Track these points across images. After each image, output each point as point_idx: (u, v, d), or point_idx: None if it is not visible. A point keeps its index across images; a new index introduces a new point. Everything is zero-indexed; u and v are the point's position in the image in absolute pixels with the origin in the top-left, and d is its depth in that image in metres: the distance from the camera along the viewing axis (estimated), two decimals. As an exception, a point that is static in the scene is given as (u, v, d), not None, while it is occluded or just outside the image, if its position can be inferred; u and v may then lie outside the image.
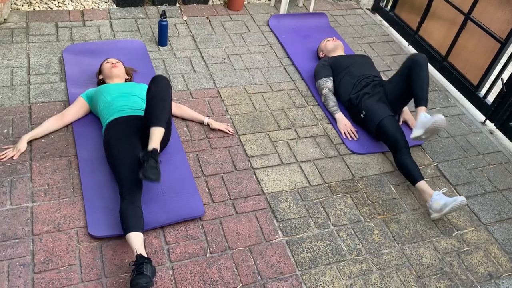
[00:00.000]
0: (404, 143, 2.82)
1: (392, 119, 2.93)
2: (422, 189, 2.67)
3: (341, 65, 3.29)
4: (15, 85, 2.96)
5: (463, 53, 3.69)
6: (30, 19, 3.56)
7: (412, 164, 2.75)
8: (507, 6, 3.27)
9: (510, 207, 2.82)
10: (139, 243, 2.08)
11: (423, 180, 2.69)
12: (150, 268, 1.97)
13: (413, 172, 2.73)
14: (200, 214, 2.39)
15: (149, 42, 3.57)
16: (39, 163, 2.50)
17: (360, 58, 3.39)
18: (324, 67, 3.34)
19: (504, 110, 3.34)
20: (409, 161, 2.77)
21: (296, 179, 2.73)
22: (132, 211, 2.16)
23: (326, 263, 2.32)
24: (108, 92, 2.67)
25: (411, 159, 2.78)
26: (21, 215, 2.25)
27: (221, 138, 2.89)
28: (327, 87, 3.24)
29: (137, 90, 2.74)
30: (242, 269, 2.22)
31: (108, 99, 2.63)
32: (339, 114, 3.14)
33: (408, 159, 2.78)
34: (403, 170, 2.79)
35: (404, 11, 4.32)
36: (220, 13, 4.10)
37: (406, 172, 2.77)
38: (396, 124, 2.91)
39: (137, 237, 2.09)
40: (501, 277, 2.43)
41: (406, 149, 2.81)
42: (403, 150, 2.81)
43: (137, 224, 2.13)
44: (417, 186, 2.70)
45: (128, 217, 2.13)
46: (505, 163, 3.15)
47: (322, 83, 3.27)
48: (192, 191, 2.50)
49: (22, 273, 2.03)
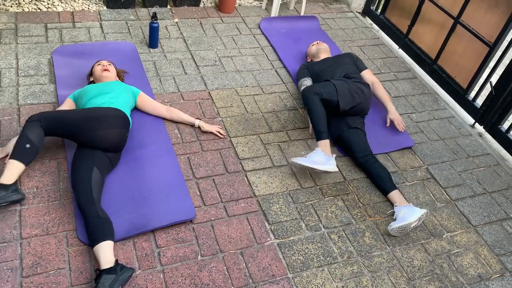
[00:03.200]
0: (365, 152, 2.85)
1: (352, 132, 2.93)
2: (392, 200, 2.70)
3: (315, 69, 3.29)
4: (3, 87, 2.92)
5: (452, 56, 3.73)
6: (19, 20, 3.52)
7: (378, 176, 2.76)
8: (496, 10, 3.31)
9: (499, 209, 2.85)
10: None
11: (394, 190, 2.70)
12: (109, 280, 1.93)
13: (380, 183, 2.75)
14: (191, 217, 2.38)
15: (140, 44, 3.55)
16: (28, 166, 2.46)
17: (338, 59, 3.32)
18: (302, 70, 3.35)
19: (493, 113, 3.38)
20: (375, 171, 2.78)
21: (287, 181, 2.73)
22: (99, 220, 2.13)
23: (317, 266, 2.32)
24: (86, 93, 2.64)
25: (377, 168, 2.78)
26: (9, 219, 2.21)
27: (212, 140, 2.88)
28: (305, 85, 3.22)
29: (115, 88, 2.68)
30: (233, 272, 2.21)
31: (85, 100, 2.60)
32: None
33: (375, 168, 2.79)
34: (372, 182, 2.82)
35: (394, 14, 4.35)
36: (211, 16, 4.09)
37: (375, 185, 2.79)
38: (355, 136, 2.91)
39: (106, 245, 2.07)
40: (491, 279, 2.45)
41: (370, 158, 2.84)
42: (367, 161, 2.83)
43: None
44: (388, 198, 2.72)
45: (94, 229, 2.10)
46: (494, 165, 3.18)
47: (301, 82, 3.27)
48: (183, 194, 2.48)
49: (10, 277, 2.00)
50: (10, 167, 2.23)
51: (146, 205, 2.37)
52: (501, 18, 3.28)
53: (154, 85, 3.20)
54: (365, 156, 2.83)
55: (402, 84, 3.78)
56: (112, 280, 1.93)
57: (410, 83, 3.81)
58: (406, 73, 3.92)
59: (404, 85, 3.77)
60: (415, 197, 2.81)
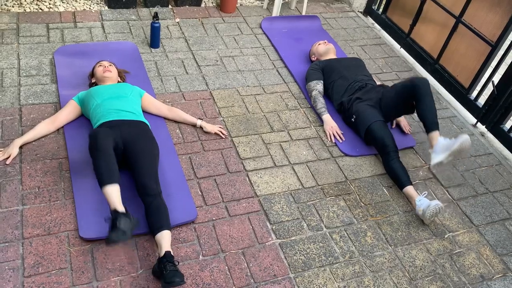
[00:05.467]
0: (392, 147, 2.84)
1: (381, 124, 2.93)
2: (409, 194, 2.70)
3: (333, 68, 3.30)
4: (5, 87, 2.92)
5: (454, 56, 3.72)
6: (20, 20, 3.52)
7: (400, 169, 2.77)
8: (498, 9, 3.30)
9: (501, 209, 2.84)
10: (114, 197, 2.07)
11: (410, 185, 2.71)
12: (126, 222, 1.95)
13: (401, 177, 2.75)
14: (192, 218, 2.38)
15: (141, 44, 3.55)
16: (30, 166, 2.47)
17: (352, 61, 3.40)
18: (315, 71, 3.34)
19: (495, 113, 3.37)
20: (397, 166, 2.78)
21: (289, 181, 2.73)
22: (104, 161, 2.15)
23: (319, 266, 2.32)
24: (98, 94, 2.65)
25: (400, 164, 2.80)
26: (11, 218, 2.22)
27: (213, 140, 2.87)
28: (317, 89, 3.24)
29: (127, 91, 2.73)
30: (235, 272, 2.21)
31: (98, 102, 2.61)
32: (327, 115, 3.15)
33: (396, 163, 2.79)
34: (391, 174, 2.81)
35: (396, 14, 4.34)
36: (213, 15, 4.09)
37: (394, 177, 2.79)
38: (385, 129, 2.91)
39: (112, 190, 2.09)
40: (493, 279, 2.44)
41: (394, 153, 2.83)
42: (392, 154, 2.82)
43: (112, 176, 2.13)
44: (404, 191, 2.72)
45: (102, 170, 2.13)
46: (496, 165, 3.17)
47: (313, 85, 3.28)
48: (184, 194, 2.48)
49: (11, 277, 2.00)
50: None
51: (147, 205, 2.37)
52: (503, 17, 3.27)
53: (155, 85, 3.20)
54: (394, 149, 2.86)
55: (403, 83, 3.77)
56: (132, 222, 2.03)
57: (412, 83, 3.80)
58: (408, 73, 3.91)
59: (406, 85, 3.76)
60: (417, 196, 2.81)
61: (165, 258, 2.02)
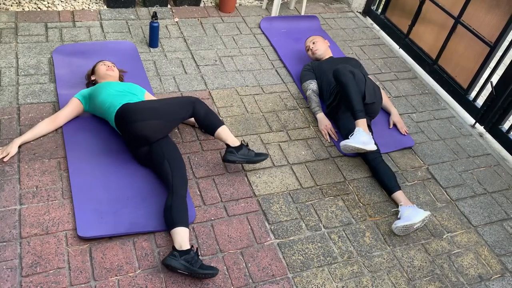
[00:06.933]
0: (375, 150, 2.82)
1: None
2: (397, 199, 2.69)
3: (322, 71, 3.29)
4: (3, 86, 2.92)
5: (453, 56, 3.72)
6: (19, 19, 3.52)
7: (385, 174, 2.75)
8: (496, 10, 3.31)
9: (499, 210, 2.85)
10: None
11: (399, 190, 2.70)
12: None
13: (387, 182, 2.73)
14: (191, 217, 2.37)
15: (140, 44, 3.54)
16: (28, 165, 2.46)
17: (347, 61, 3.35)
18: (307, 71, 3.35)
19: (494, 113, 3.37)
20: (382, 170, 2.77)
21: (287, 181, 2.73)
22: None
23: (317, 266, 2.32)
24: (109, 86, 2.66)
25: (384, 167, 2.77)
26: (8, 218, 2.21)
27: (212, 140, 2.87)
28: (311, 89, 3.25)
29: (137, 92, 2.74)
30: (233, 272, 2.21)
31: (112, 92, 2.62)
32: (320, 114, 3.14)
33: (383, 167, 2.77)
34: (378, 180, 2.81)
35: (395, 14, 4.34)
36: (212, 15, 4.09)
37: (381, 183, 2.78)
38: None
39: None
40: (491, 279, 2.45)
41: (378, 156, 2.82)
42: (376, 159, 2.81)
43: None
44: (393, 197, 2.71)
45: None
46: (494, 165, 3.17)
47: (306, 85, 3.28)
48: (183, 194, 2.48)
49: (9, 277, 2.00)
50: None
51: (145, 205, 2.37)
52: (502, 18, 3.27)
53: (154, 84, 3.19)
54: (374, 153, 2.83)
55: (402, 84, 3.78)
56: None
57: (411, 83, 3.80)
58: (406, 73, 3.92)
59: (405, 85, 3.77)
60: (416, 197, 2.81)
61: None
